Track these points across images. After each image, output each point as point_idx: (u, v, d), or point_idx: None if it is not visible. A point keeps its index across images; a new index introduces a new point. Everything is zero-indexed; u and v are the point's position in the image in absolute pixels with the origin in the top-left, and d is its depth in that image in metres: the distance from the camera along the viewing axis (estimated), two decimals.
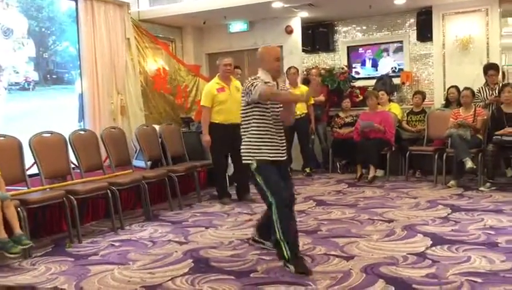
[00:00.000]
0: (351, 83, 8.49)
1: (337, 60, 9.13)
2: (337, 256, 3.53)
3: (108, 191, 4.67)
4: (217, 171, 5.92)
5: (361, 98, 8.31)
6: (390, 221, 4.49)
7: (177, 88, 7.81)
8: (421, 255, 3.45)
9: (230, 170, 6.05)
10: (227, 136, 5.57)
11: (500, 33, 7.55)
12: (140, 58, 7.30)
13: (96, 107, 6.58)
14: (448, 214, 4.67)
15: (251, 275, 3.23)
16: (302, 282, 3.02)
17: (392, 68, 8.82)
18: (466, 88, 6.44)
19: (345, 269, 3.23)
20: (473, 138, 6.04)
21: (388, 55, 8.91)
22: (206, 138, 5.69)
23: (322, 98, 7.79)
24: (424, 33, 8.08)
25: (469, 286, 2.85)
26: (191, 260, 3.61)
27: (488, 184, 5.77)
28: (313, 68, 8.49)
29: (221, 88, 5.69)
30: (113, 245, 4.16)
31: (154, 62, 7.57)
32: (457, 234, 3.97)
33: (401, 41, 8.69)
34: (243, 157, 3.44)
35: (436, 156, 6.40)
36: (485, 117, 6.18)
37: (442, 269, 3.15)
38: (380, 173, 6.97)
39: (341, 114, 7.80)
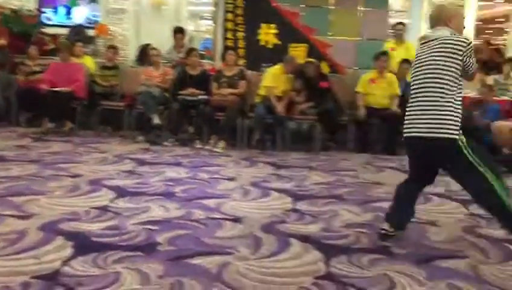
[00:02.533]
0: (41, 29, 7.82)
1: (25, 1, 8.21)
2: (13, 216, 3.23)
3: None
4: None
5: (52, 46, 7.77)
6: (75, 176, 4.37)
7: None
8: (104, 209, 3.49)
9: None
10: None
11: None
12: None
13: None
14: (134, 168, 4.86)
15: None
16: None
17: (87, 19, 8.50)
18: (153, 48, 6.75)
19: (20, 229, 2.98)
20: (160, 96, 6.41)
21: (83, 4, 8.53)
22: None
23: (2, 41, 6.92)
24: None
25: (146, 233, 3.03)
26: None
27: (171, 139, 6.26)
28: None
29: None
30: None
31: None
32: (140, 187, 4.17)
33: None
34: (447, 131, 2.75)
35: (126, 112, 6.55)
36: (172, 77, 6.62)
37: (123, 220, 3.26)
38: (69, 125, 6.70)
39: (28, 62, 7.10)
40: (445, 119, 2.77)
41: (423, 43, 2.98)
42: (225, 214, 3.50)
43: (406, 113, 2.98)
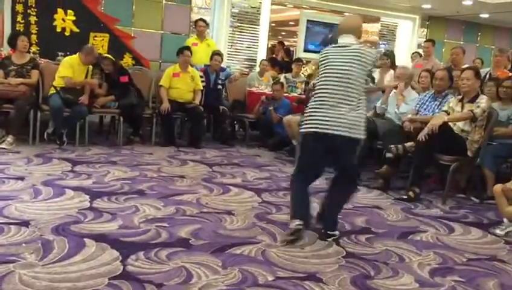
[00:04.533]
0: None
1: None
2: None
3: None
4: None
5: None
6: None
7: None
8: None
9: None
10: None
11: None
12: None
13: None
14: None
15: None
16: None
17: None
18: None
19: None
20: None
21: None
22: None
23: None
24: None
25: None
26: None
27: None
28: None
29: None
30: None
31: None
32: None
33: None
34: (356, 132, 3.05)
35: None
36: None
37: None
38: None
39: None
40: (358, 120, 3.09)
41: (334, 47, 3.24)
42: (9, 217, 3.13)
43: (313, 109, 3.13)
